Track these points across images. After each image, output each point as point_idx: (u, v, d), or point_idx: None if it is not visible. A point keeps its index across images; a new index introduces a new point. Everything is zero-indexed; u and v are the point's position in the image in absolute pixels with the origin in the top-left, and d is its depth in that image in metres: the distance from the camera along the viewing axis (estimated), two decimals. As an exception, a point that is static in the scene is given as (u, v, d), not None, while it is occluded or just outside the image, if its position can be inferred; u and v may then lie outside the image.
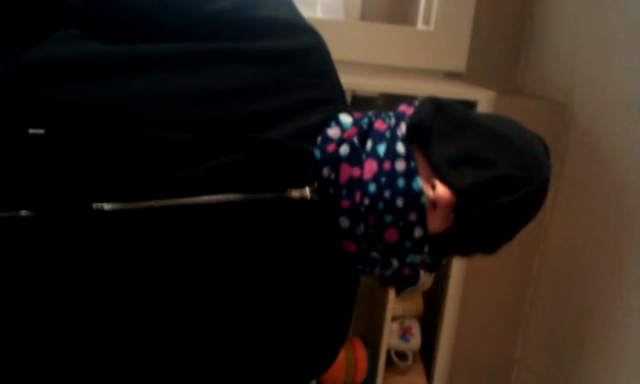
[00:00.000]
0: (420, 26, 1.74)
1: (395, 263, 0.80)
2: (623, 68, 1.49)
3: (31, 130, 0.67)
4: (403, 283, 0.85)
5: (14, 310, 0.69)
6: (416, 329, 1.69)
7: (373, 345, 1.66)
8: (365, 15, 1.78)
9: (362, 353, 1.63)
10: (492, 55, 1.80)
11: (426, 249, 0.78)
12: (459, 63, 1.71)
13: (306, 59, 0.81)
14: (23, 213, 0.67)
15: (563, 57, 1.70)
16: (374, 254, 0.79)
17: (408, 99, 0.86)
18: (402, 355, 1.71)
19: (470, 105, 1.49)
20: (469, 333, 1.76)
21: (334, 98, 0.84)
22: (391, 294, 1.59)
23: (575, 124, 1.65)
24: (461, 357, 1.76)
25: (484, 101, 1.49)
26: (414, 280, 0.85)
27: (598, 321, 1.55)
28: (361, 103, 1.51)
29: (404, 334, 1.68)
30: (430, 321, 1.71)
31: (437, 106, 0.80)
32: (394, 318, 1.65)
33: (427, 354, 1.73)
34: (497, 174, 0.76)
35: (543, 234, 1.72)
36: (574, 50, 1.67)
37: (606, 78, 1.54)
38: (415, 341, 1.69)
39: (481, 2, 1.70)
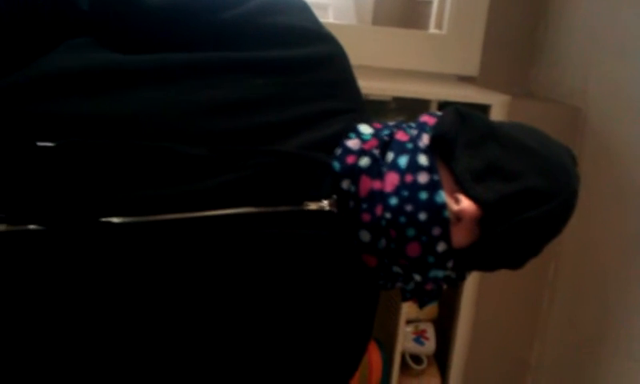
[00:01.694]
0: (432, 29, 1.74)
1: (417, 278, 0.78)
2: (638, 71, 1.48)
3: (40, 143, 0.66)
4: (426, 298, 0.84)
5: (22, 323, 0.67)
6: (431, 332, 1.68)
7: (387, 348, 1.65)
8: (377, 19, 1.78)
9: (376, 356, 1.63)
10: (505, 58, 1.80)
11: (450, 264, 0.76)
12: (472, 67, 1.71)
13: (323, 68, 0.80)
14: (32, 227, 0.66)
15: (577, 60, 1.69)
16: (396, 269, 0.77)
17: (421, 103, 0.86)
18: (416, 358, 1.71)
19: (484, 109, 1.48)
20: (484, 336, 1.75)
21: (352, 108, 0.82)
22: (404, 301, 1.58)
23: (589, 128, 1.64)
24: (476, 361, 1.75)
25: (497, 105, 1.49)
26: (436, 294, 0.83)
27: (615, 326, 1.55)
28: (373, 107, 1.50)
29: (418, 338, 1.68)
30: (445, 324, 1.71)
31: (460, 116, 0.78)
32: (408, 322, 1.64)
33: (442, 358, 1.73)
34: (523, 186, 0.74)
35: (559, 239, 1.71)
36: (587, 53, 1.66)
37: (620, 81, 1.53)
38: (430, 344, 1.68)
39: (493, 5, 1.69)
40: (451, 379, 1.70)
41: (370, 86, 1.46)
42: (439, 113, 0.81)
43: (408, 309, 1.61)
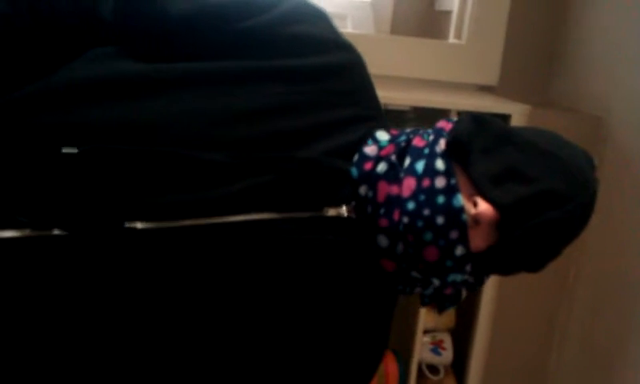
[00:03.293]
0: (452, 39, 1.74)
1: (436, 283, 0.78)
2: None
3: (64, 150, 0.67)
4: (446, 302, 0.83)
5: (43, 327, 0.68)
6: (448, 342, 1.68)
7: (404, 358, 1.65)
8: (395, 29, 1.78)
9: (392, 366, 1.62)
10: (525, 68, 1.79)
11: (469, 267, 0.76)
12: (492, 76, 1.71)
13: (341, 76, 0.81)
14: (56, 232, 0.67)
15: (598, 69, 1.68)
16: (415, 274, 0.77)
17: (440, 113, 0.86)
18: (433, 369, 1.70)
19: (503, 118, 1.48)
20: (502, 346, 1.74)
21: (370, 116, 0.83)
22: (423, 307, 1.58)
23: (610, 137, 1.63)
24: (494, 370, 1.74)
25: (517, 114, 1.49)
26: (455, 299, 0.83)
27: (635, 333, 1.53)
28: (392, 117, 1.51)
29: (436, 348, 1.67)
30: (463, 334, 1.70)
31: (476, 121, 0.79)
32: (425, 331, 1.64)
33: (459, 368, 1.72)
34: (540, 188, 0.74)
35: (579, 246, 1.70)
36: (608, 61, 1.65)
37: (641, 91, 1.52)
38: (447, 354, 1.67)
39: (513, 14, 1.69)
40: (469, 389, 1.69)
41: (388, 96, 1.46)
42: (456, 119, 0.82)
43: (425, 318, 1.60)
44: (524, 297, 1.75)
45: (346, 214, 0.76)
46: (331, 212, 0.75)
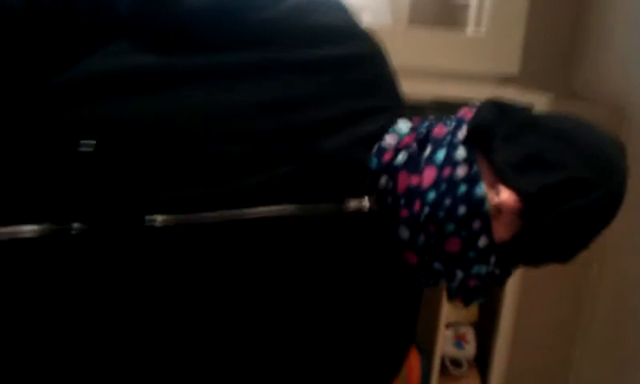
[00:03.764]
0: (471, 29, 1.72)
1: (460, 274, 0.77)
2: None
3: (82, 144, 0.67)
4: (472, 295, 0.82)
5: (65, 322, 0.68)
6: (471, 336, 1.67)
7: (427, 352, 1.64)
8: (413, 19, 1.77)
9: (415, 360, 1.62)
10: (546, 58, 1.77)
11: (493, 259, 0.74)
12: (512, 67, 1.68)
13: (361, 66, 0.80)
14: (75, 226, 0.67)
15: (620, 58, 1.66)
16: (437, 266, 0.76)
17: (460, 105, 0.84)
18: (456, 363, 1.69)
19: (524, 109, 1.46)
20: (525, 340, 1.73)
21: (390, 106, 0.82)
22: (445, 300, 1.57)
23: (633, 127, 1.60)
24: (517, 365, 1.73)
25: (539, 105, 1.47)
26: (482, 291, 0.81)
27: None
28: (411, 109, 1.49)
29: (459, 342, 1.66)
30: (486, 328, 1.69)
31: (499, 107, 0.77)
32: (448, 325, 1.63)
33: (482, 362, 1.71)
34: (566, 176, 0.72)
35: (602, 240, 1.68)
36: (631, 51, 1.62)
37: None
38: (470, 348, 1.67)
39: (534, 3, 1.66)
40: (492, 383, 1.68)
41: (407, 88, 1.44)
42: (478, 104, 0.80)
43: (448, 312, 1.59)
44: (547, 291, 1.73)
45: (367, 206, 0.75)
46: (352, 204, 0.74)
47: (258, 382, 0.74)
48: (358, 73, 0.79)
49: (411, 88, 1.45)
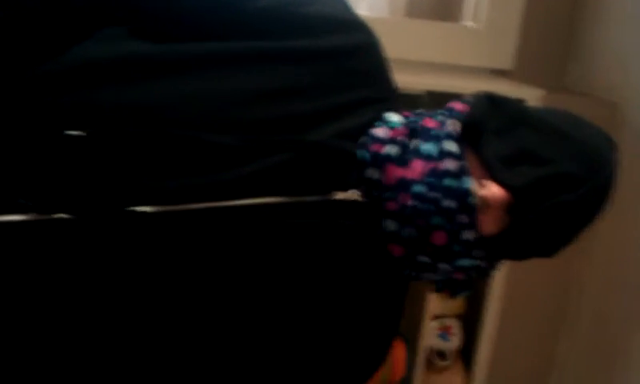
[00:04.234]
0: (467, 22, 1.72)
1: (445, 268, 0.77)
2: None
3: (69, 132, 0.66)
4: (458, 288, 0.82)
5: (49, 311, 0.68)
6: (456, 328, 1.68)
7: (412, 343, 1.65)
8: (410, 12, 1.76)
9: (401, 351, 1.62)
10: (541, 52, 1.77)
11: (478, 252, 0.75)
12: (507, 61, 1.69)
13: (355, 57, 0.79)
14: (61, 216, 0.66)
15: (614, 54, 1.66)
16: (423, 259, 0.76)
17: (454, 97, 0.85)
18: (441, 354, 1.70)
19: (518, 103, 1.47)
20: (510, 333, 1.74)
21: (383, 98, 0.82)
22: (431, 292, 1.58)
23: (626, 123, 1.60)
24: (501, 358, 1.74)
25: (532, 99, 1.47)
26: (468, 285, 0.82)
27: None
28: (406, 101, 1.49)
29: (444, 334, 1.67)
30: (471, 320, 1.69)
31: (490, 101, 0.77)
32: (433, 317, 1.64)
33: (467, 354, 1.72)
34: (554, 171, 0.72)
35: (590, 234, 1.69)
36: (625, 46, 1.62)
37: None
38: (455, 340, 1.67)
39: (530, -2, 1.67)
40: (476, 376, 1.69)
41: (403, 80, 1.44)
42: (468, 99, 0.80)
43: (433, 304, 1.60)
44: (533, 285, 1.74)
45: (355, 198, 0.75)
46: (340, 195, 0.74)
47: (244, 370, 0.74)
48: (353, 63, 0.79)
49: (406, 79, 1.46)
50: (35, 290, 0.67)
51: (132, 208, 0.67)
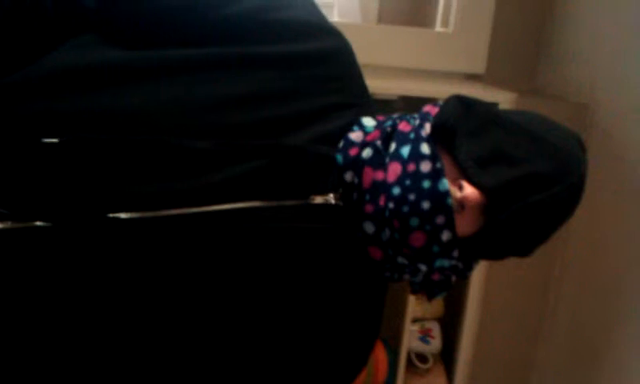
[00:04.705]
0: (439, 27, 1.74)
1: (423, 268, 0.78)
2: (645, 68, 1.47)
3: (45, 140, 0.66)
4: (435, 289, 0.83)
5: (27, 320, 0.67)
6: (436, 331, 1.68)
7: (393, 347, 1.65)
8: (382, 18, 1.78)
9: (382, 355, 1.63)
10: (512, 56, 1.79)
11: (456, 253, 0.76)
12: (479, 65, 1.70)
13: (328, 62, 0.80)
14: (38, 223, 0.66)
15: (584, 57, 1.69)
16: (402, 260, 0.77)
17: (427, 102, 0.86)
18: (422, 357, 1.70)
19: (490, 106, 1.48)
20: (490, 335, 1.75)
21: (357, 102, 0.82)
22: (411, 295, 1.58)
23: (596, 125, 1.63)
24: (482, 359, 1.75)
25: (504, 102, 1.48)
26: (445, 285, 0.83)
27: (621, 326, 1.54)
28: (380, 107, 1.50)
29: (424, 337, 1.67)
30: (451, 323, 1.70)
31: (462, 104, 0.78)
32: (414, 320, 1.64)
33: (448, 356, 1.73)
34: (527, 171, 0.73)
35: (565, 237, 1.71)
36: (595, 50, 1.65)
37: (627, 79, 1.53)
38: (436, 343, 1.68)
39: (500, 2, 1.69)
40: (457, 378, 1.70)
41: (376, 85, 1.44)
42: (441, 102, 0.81)
43: (414, 307, 1.61)
44: (512, 287, 1.76)
45: (333, 202, 0.75)
46: (318, 200, 0.74)
47: (223, 374, 0.74)
48: (326, 69, 0.80)
49: (380, 85, 1.47)
50: (13, 297, 0.66)
51: (109, 215, 0.66)
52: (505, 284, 1.72)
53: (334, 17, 1.73)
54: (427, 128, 0.77)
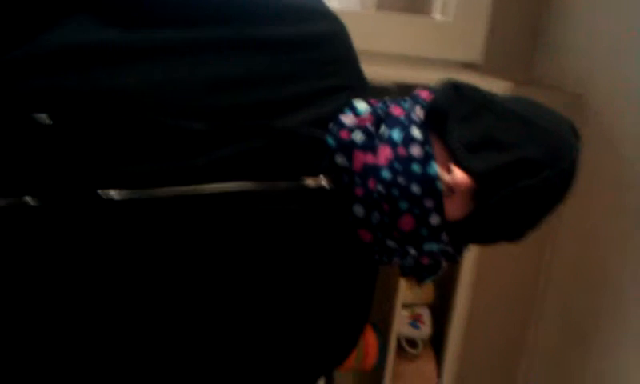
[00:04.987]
0: (437, 16, 1.73)
1: (413, 252, 0.78)
2: (640, 59, 1.48)
3: (37, 116, 0.66)
4: (424, 273, 0.83)
5: (14, 300, 0.67)
6: (426, 316, 1.69)
7: (383, 332, 1.66)
8: (380, 5, 1.77)
9: (372, 339, 1.64)
10: (509, 46, 1.79)
11: (445, 237, 0.76)
12: (476, 54, 1.70)
13: (323, 46, 0.80)
14: (28, 200, 0.66)
15: (580, 48, 1.69)
16: (391, 243, 0.77)
17: (423, 89, 0.87)
18: (412, 342, 1.71)
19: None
20: (480, 321, 1.76)
21: (351, 86, 0.83)
22: (402, 281, 1.59)
23: (591, 115, 1.63)
24: (471, 345, 1.76)
25: (500, 92, 1.46)
26: (435, 270, 0.83)
27: (609, 312, 1.55)
28: (375, 94, 1.50)
29: (414, 322, 1.68)
30: (441, 308, 1.71)
31: (455, 88, 0.78)
32: (404, 306, 1.65)
33: (438, 342, 1.74)
34: (517, 156, 0.73)
35: (556, 224, 1.72)
36: (592, 41, 1.65)
37: (623, 70, 1.53)
38: (426, 328, 1.69)
39: (498, -8, 1.69)
40: (446, 363, 1.71)
41: (372, 72, 1.45)
42: (434, 86, 0.81)
43: (404, 293, 1.61)
44: (502, 273, 1.76)
45: (324, 184, 0.76)
46: (309, 182, 0.75)
47: (214, 357, 0.75)
48: (321, 52, 0.80)
49: (376, 72, 1.46)
50: (3, 275, 0.67)
51: (98, 191, 0.66)
52: (495, 270, 1.72)
53: (333, 2, 1.72)
54: (418, 112, 0.77)
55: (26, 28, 0.73)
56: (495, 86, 1.49)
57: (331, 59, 0.81)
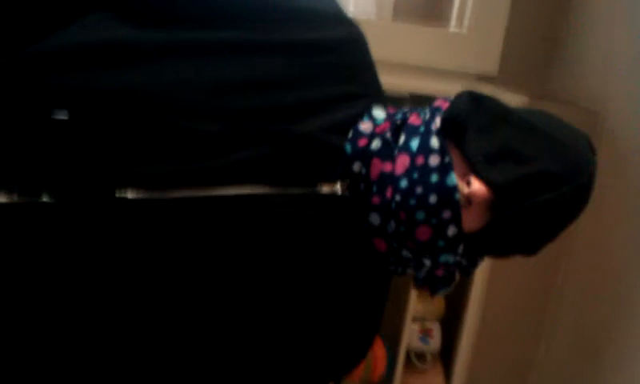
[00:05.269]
0: (453, 27, 1.73)
1: (428, 263, 0.77)
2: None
3: (56, 114, 0.66)
4: (438, 284, 0.83)
5: (26, 296, 0.67)
6: (436, 331, 1.68)
7: (392, 344, 1.65)
8: (397, 15, 1.78)
9: (381, 351, 1.63)
10: (525, 60, 1.78)
11: (461, 249, 0.75)
12: (491, 66, 1.70)
13: (341, 51, 0.80)
14: (44, 199, 0.66)
15: (597, 63, 1.68)
16: (406, 253, 0.77)
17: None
18: (420, 356, 1.70)
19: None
20: (490, 336, 1.74)
21: (368, 93, 0.82)
22: (413, 294, 1.58)
23: (606, 132, 1.62)
24: (481, 360, 1.75)
25: (515, 106, 1.48)
26: (449, 281, 0.82)
27: (621, 331, 1.53)
28: (390, 103, 1.50)
29: (424, 336, 1.67)
30: (451, 323, 1.70)
31: (474, 99, 0.77)
32: (414, 319, 1.64)
33: (447, 356, 1.73)
34: (536, 169, 0.73)
35: (570, 240, 1.70)
36: (608, 56, 1.64)
37: (639, 86, 1.52)
38: (435, 343, 1.68)
39: (515, 5, 1.68)
40: (455, 378, 1.70)
41: (387, 82, 1.45)
42: (453, 97, 0.80)
43: (415, 306, 1.60)
44: (514, 289, 1.75)
45: (340, 191, 0.75)
46: (325, 189, 0.74)
47: (222, 360, 0.74)
48: (339, 58, 0.80)
49: (391, 82, 1.45)
50: (16, 273, 0.67)
51: (115, 193, 0.66)
52: (506, 285, 1.71)
53: (350, 12, 1.72)
54: (437, 122, 0.77)
55: (42, 25, 0.73)
56: (510, 99, 1.48)
57: (348, 64, 0.81)
